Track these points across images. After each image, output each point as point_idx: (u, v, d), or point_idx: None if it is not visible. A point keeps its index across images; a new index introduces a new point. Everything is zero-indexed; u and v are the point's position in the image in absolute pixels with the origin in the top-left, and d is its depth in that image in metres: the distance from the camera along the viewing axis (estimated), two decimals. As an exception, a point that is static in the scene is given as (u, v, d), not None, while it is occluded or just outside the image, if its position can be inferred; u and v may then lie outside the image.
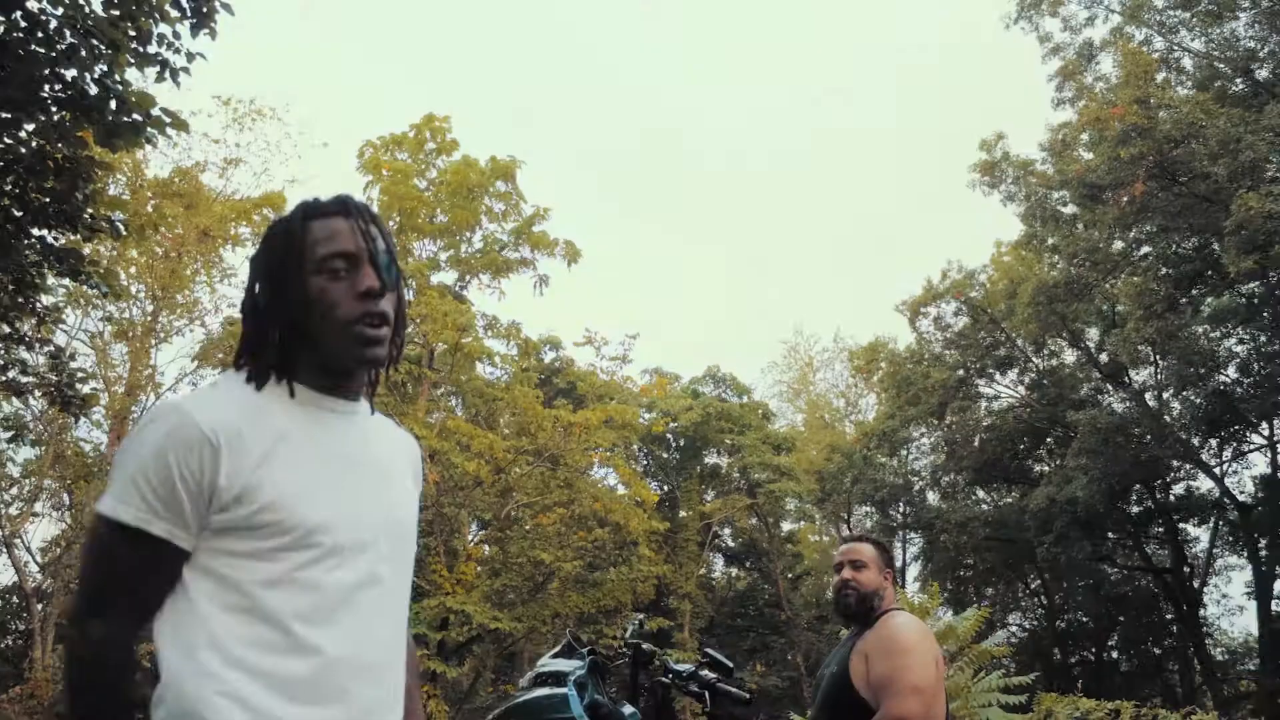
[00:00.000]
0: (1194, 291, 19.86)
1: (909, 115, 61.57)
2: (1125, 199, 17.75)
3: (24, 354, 8.76)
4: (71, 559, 15.15)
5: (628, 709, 3.00)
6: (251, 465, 1.38)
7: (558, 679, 2.88)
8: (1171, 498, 24.54)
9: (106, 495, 1.39)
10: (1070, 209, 20.59)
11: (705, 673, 3.05)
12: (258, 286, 1.53)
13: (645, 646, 3.17)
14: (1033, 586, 29.78)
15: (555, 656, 3.06)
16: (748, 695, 3.05)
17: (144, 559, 1.37)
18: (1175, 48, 19.31)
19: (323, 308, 1.46)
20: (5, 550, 16.66)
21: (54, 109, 6.00)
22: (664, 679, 3.10)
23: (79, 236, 7.70)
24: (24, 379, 8.16)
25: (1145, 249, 19.87)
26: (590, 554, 17.71)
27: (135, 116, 5.78)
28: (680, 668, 3.09)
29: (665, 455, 26.80)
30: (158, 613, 1.39)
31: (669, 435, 25.62)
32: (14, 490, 17.74)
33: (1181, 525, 25.22)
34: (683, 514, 25.33)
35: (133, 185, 15.89)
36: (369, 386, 1.57)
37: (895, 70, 60.89)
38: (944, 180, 58.74)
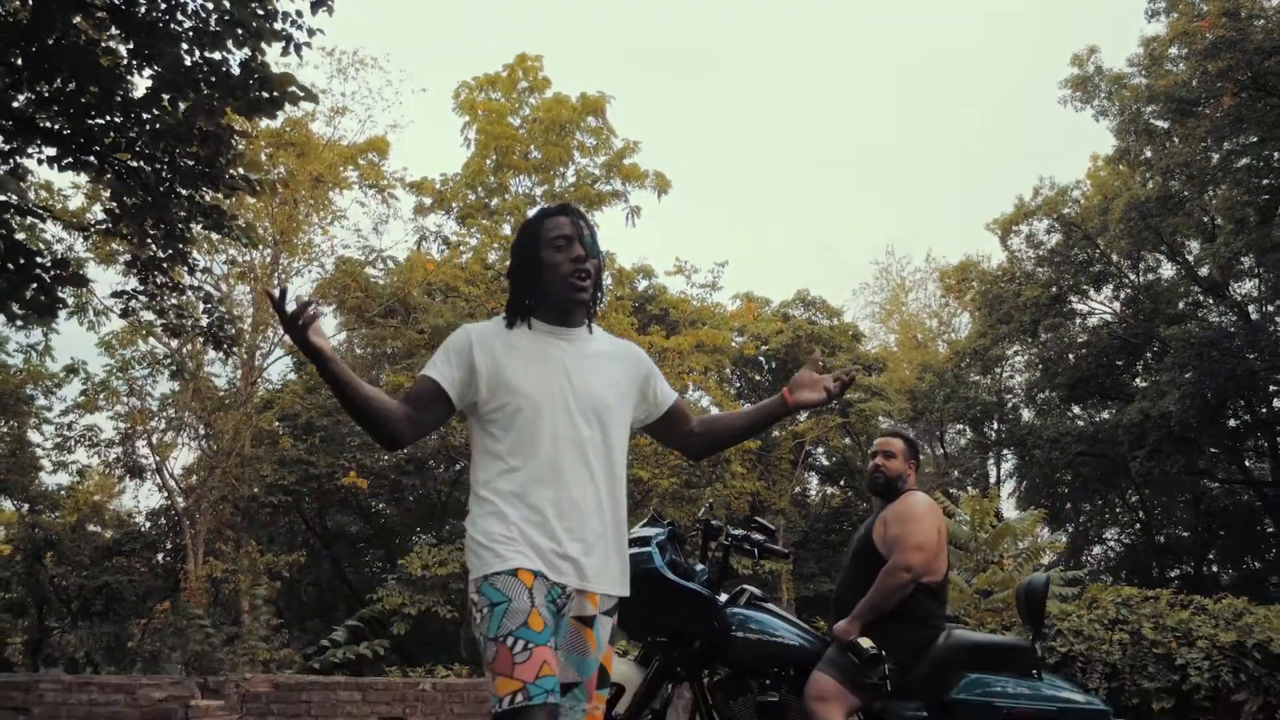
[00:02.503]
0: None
1: (995, 30, 59.72)
2: (1219, 113, 17.56)
3: (175, 299, 9.88)
4: (214, 481, 16.61)
5: (699, 566, 3.88)
6: (494, 357, 2.41)
7: (644, 541, 3.74)
8: (1276, 409, 24.23)
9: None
10: (1163, 123, 20.35)
11: (755, 535, 3.93)
12: (514, 260, 2.56)
13: (714, 522, 4.03)
14: (1130, 501, 29.79)
15: (643, 527, 3.92)
16: (786, 551, 3.91)
17: (427, 388, 2.41)
18: (1274, -47, 18.77)
19: (550, 268, 2.44)
20: (157, 476, 18.34)
21: (203, 88, 6.91)
22: (725, 542, 3.95)
23: (220, 194, 8.70)
24: (181, 321, 9.27)
25: (1244, 160, 19.58)
26: (686, 472, 18.54)
27: (275, 93, 6.64)
28: (736, 533, 3.95)
29: (758, 377, 27.44)
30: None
31: (760, 358, 26.22)
32: (153, 423, 19.28)
33: (1282, 439, 24.99)
34: (775, 434, 26.03)
35: (244, 128, 16.95)
36: (588, 317, 2.53)
37: (991, -22, 58.89)
38: (1034, 96, 57.02)
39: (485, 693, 7.29)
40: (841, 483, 29.07)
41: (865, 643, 3.60)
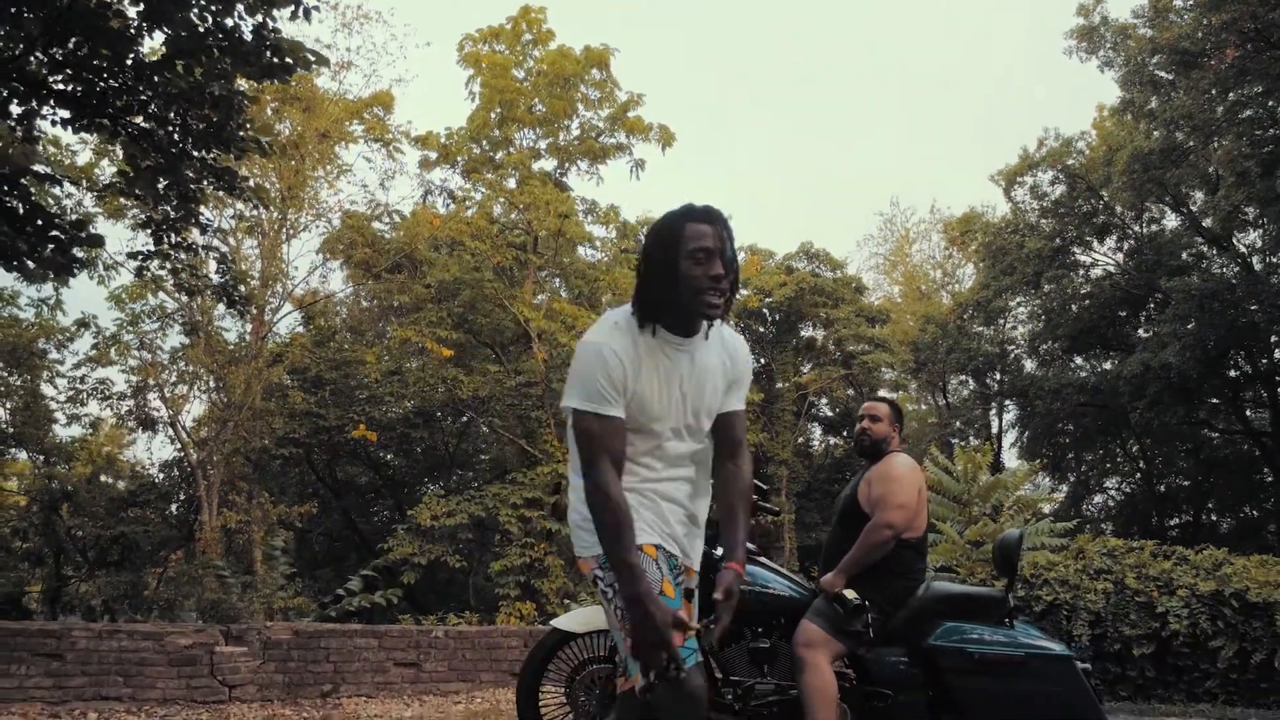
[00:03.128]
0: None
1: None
2: (1223, 65, 17.52)
3: (183, 256, 10.06)
4: (227, 434, 16.90)
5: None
6: (634, 378, 2.39)
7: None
8: (1277, 360, 24.34)
9: (573, 398, 2.40)
10: (1168, 75, 20.27)
11: None
12: (648, 258, 2.44)
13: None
14: (1131, 451, 30.04)
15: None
16: (777, 509, 4.18)
17: (619, 429, 2.39)
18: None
19: (686, 280, 2.35)
20: (171, 428, 18.63)
21: (215, 53, 7.04)
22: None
23: (232, 155, 8.86)
24: (195, 281, 9.48)
25: (1248, 112, 19.50)
26: (689, 424, 18.79)
27: (287, 60, 6.78)
28: (730, 490, 4.18)
29: (761, 329, 27.64)
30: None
31: (764, 310, 26.39)
32: (164, 375, 19.51)
33: (1281, 389, 25.14)
34: (779, 385, 26.28)
35: (254, 92, 16.99)
36: (707, 326, 2.48)
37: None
38: (1041, 47, 56.41)
39: (494, 639, 7.60)
40: (844, 433, 29.37)
41: (850, 594, 3.87)
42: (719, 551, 4.04)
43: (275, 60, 6.90)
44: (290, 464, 20.36)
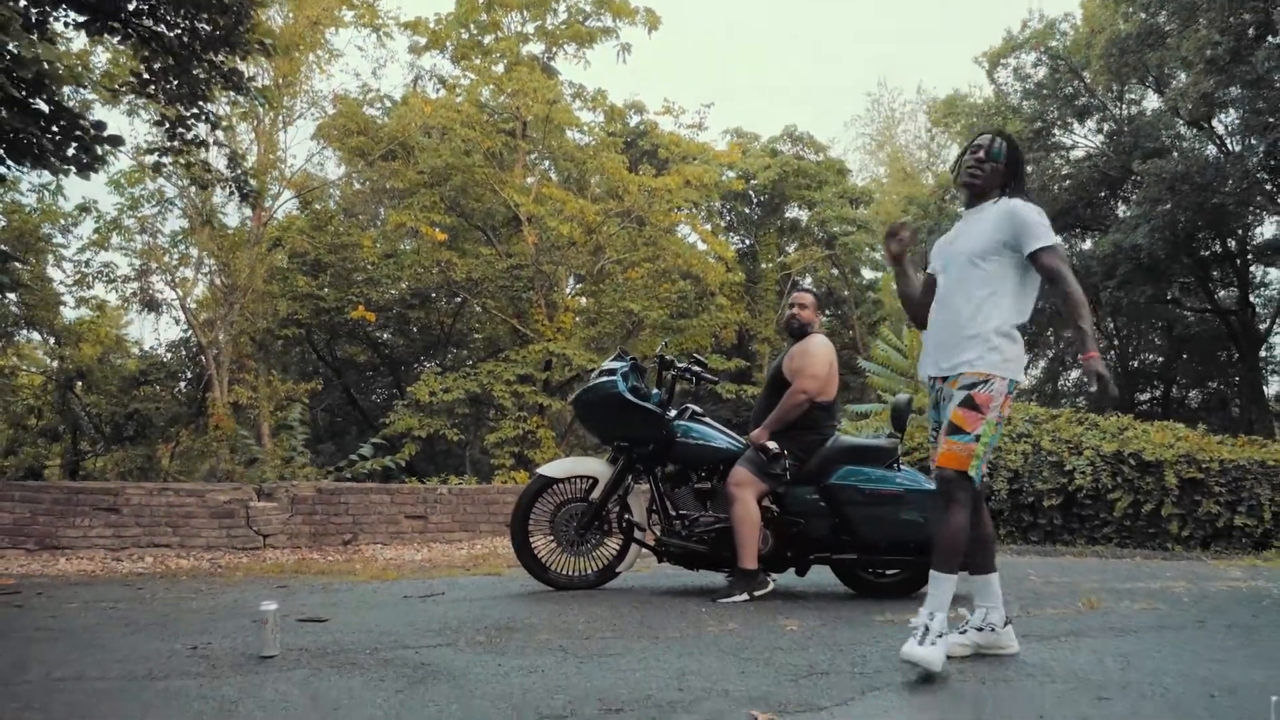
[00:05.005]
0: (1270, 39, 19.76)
1: None
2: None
3: (200, 155, 10.72)
4: (233, 316, 17.74)
5: (654, 391, 5.08)
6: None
7: (611, 372, 4.95)
8: (1249, 243, 25.08)
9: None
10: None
11: (694, 367, 5.12)
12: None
13: (667, 356, 5.20)
14: (1106, 329, 31.01)
15: (611, 361, 5.12)
16: (715, 379, 5.14)
17: None
18: None
19: (959, 164, 3.71)
20: (179, 311, 19.42)
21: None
22: (673, 373, 5.14)
23: (238, 57, 9.47)
24: (207, 175, 10.20)
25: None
26: (674, 304, 19.60)
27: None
28: (680, 365, 5.13)
29: (747, 210, 28.24)
30: None
31: (750, 193, 26.95)
32: (165, 258, 20.16)
33: (1252, 270, 25.98)
34: (763, 265, 27.04)
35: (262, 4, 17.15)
36: (997, 194, 3.62)
37: None
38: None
39: (491, 496, 8.62)
40: (827, 313, 30.24)
41: (772, 445, 4.85)
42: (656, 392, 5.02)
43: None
44: (292, 344, 21.22)
